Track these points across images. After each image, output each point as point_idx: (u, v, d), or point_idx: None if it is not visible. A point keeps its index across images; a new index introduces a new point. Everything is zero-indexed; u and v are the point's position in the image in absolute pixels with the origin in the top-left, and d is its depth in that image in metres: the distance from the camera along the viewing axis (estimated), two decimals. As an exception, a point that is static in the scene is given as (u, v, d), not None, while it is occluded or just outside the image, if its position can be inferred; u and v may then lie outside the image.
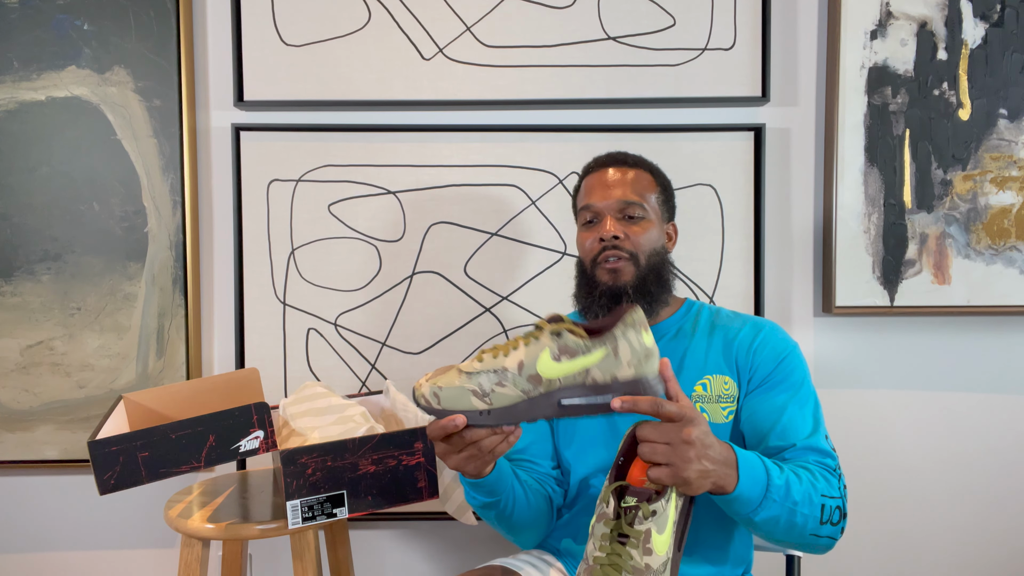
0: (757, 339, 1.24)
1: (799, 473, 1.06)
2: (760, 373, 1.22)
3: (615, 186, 1.26)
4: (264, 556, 1.82)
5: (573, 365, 0.94)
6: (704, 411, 1.21)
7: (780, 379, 1.21)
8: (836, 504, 1.08)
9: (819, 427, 1.17)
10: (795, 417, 1.16)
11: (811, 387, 1.22)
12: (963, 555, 1.82)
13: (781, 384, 1.20)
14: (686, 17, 1.73)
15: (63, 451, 1.77)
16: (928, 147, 1.73)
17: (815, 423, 1.17)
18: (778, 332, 1.26)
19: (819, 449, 1.14)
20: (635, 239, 1.24)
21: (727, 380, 1.23)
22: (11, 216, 1.74)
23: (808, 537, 1.06)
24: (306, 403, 1.48)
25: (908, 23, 1.72)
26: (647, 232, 1.25)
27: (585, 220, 1.29)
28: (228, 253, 1.78)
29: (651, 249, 1.25)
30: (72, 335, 1.76)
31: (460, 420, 0.94)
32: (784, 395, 1.19)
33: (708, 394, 1.23)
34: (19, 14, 1.72)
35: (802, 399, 1.19)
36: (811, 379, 1.23)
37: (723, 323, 1.29)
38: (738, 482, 0.98)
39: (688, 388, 1.22)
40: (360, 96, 1.74)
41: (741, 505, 1.00)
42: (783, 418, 1.16)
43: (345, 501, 1.29)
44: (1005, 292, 1.74)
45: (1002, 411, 1.80)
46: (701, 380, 1.23)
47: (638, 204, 1.25)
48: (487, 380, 0.95)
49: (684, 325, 1.30)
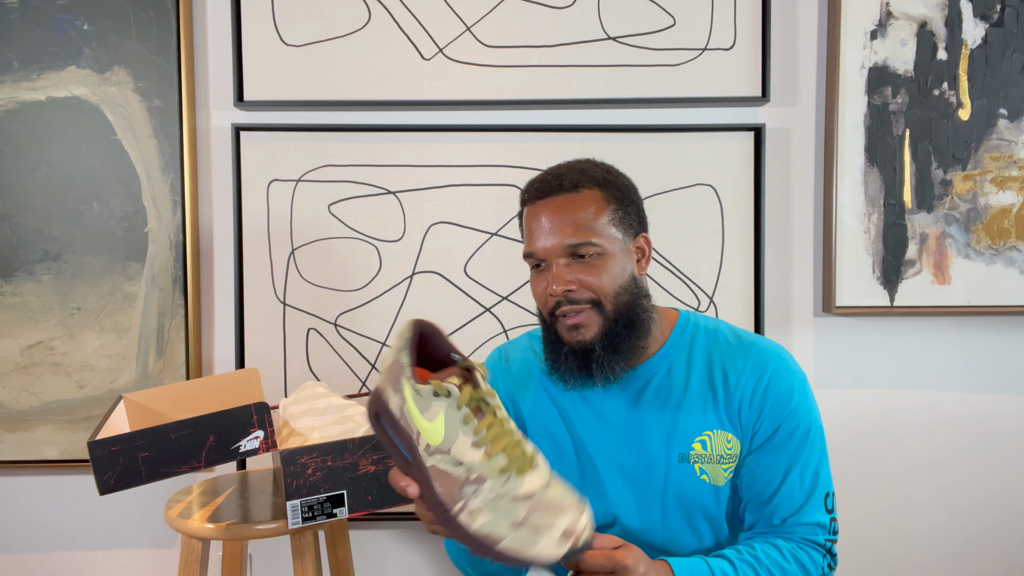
0: (761, 386, 1.11)
1: (759, 568, 1.04)
2: (764, 429, 1.11)
3: (555, 228, 1.06)
4: (264, 556, 1.82)
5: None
6: (704, 472, 1.11)
7: (785, 435, 1.10)
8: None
9: (816, 492, 1.10)
10: (791, 488, 1.09)
11: (816, 434, 1.12)
12: (963, 555, 1.82)
13: (786, 442, 1.10)
14: (686, 17, 1.73)
15: (63, 451, 1.76)
16: (928, 147, 1.73)
17: (812, 488, 1.10)
18: (783, 371, 1.12)
19: (809, 523, 1.08)
20: (592, 283, 1.06)
21: (730, 438, 1.11)
22: (11, 216, 1.74)
23: None
24: (306, 403, 1.48)
25: (908, 23, 1.72)
26: (605, 270, 1.06)
27: (532, 265, 1.11)
28: (228, 253, 1.78)
29: (616, 288, 1.07)
30: (72, 335, 1.76)
31: (413, 491, 0.85)
32: (786, 454, 1.10)
33: (709, 453, 1.10)
34: (19, 14, 1.72)
35: (806, 457, 1.10)
36: (818, 418, 1.13)
37: (722, 356, 1.14)
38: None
39: (686, 444, 1.11)
40: (360, 96, 1.74)
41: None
42: (781, 487, 1.09)
43: (345, 501, 1.29)
44: (1005, 292, 1.74)
45: (1002, 411, 1.80)
46: (700, 437, 1.11)
47: (587, 243, 1.05)
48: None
49: (678, 357, 1.14)
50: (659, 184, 1.75)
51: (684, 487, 1.12)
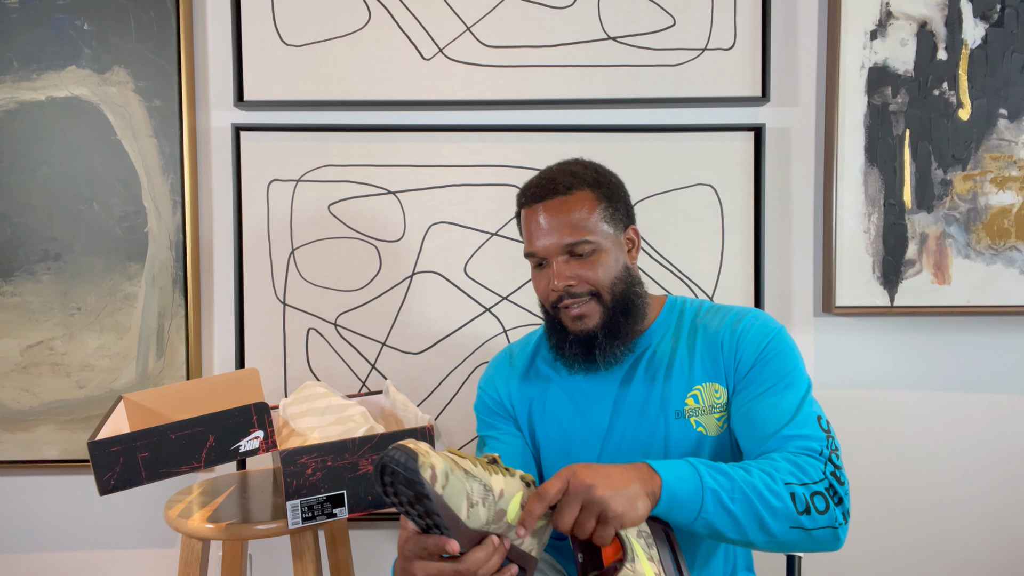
0: (738, 330, 1.18)
1: (749, 466, 1.01)
2: (743, 366, 1.16)
3: (552, 228, 1.15)
4: (264, 556, 1.82)
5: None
6: (700, 424, 1.17)
7: (761, 370, 1.14)
8: (815, 490, 0.99)
9: (803, 410, 1.09)
10: (776, 405, 1.10)
11: (799, 372, 1.15)
12: (963, 554, 1.82)
13: (764, 371, 1.14)
14: (686, 17, 1.73)
15: (63, 451, 1.76)
16: (928, 147, 1.73)
17: (798, 407, 1.09)
18: (760, 319, 1.20)
19: (799, 435, 1.06)
20: (590, 277, 1.16)
21: (718, 388, 1.18)
22: (11, 216, 1.74)
23: (792, 532, 0.98)
24: (306, 403, 1.48)
25: (908, 23, 1.72)
26: (601, 264, 1.16)
27: (534, 264, 1.21)
28: (228, 253, 1.78)
29: (611, 279, 1.17)
30: (72, 335, 1.76)
31: (454, 547, 0.85)
32: (765, 382, 1.13)
33: (701, 405, 1.18)
34: (19, 14, 1.72)
35: (785, 386, 1.12)
36: (801, 363, 1.17)
37: (706, 320, 1.22)
38: (661, 479, 0.94)
39: (679, 401, 1.18)
40: (360, 96, 1.74)
41: (684, 508, 0.95)
42: (764, 409, 1.11)
43: (345, 501, 1.29)
44: (1005, 292, 1.74)
45: (1002, 411, 1.80)
46: (692, 392, 1.18)
47: (582, 241, 1.15)
48: (477, 490, 0.86)
49: (667, 330, 1.24)
50: (659, 184, 1.75)
51: (683, 441, 1.18)
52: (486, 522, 0.87)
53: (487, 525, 0.87)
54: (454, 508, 0.83)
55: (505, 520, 0.88)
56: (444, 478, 0.82)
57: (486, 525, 0.87)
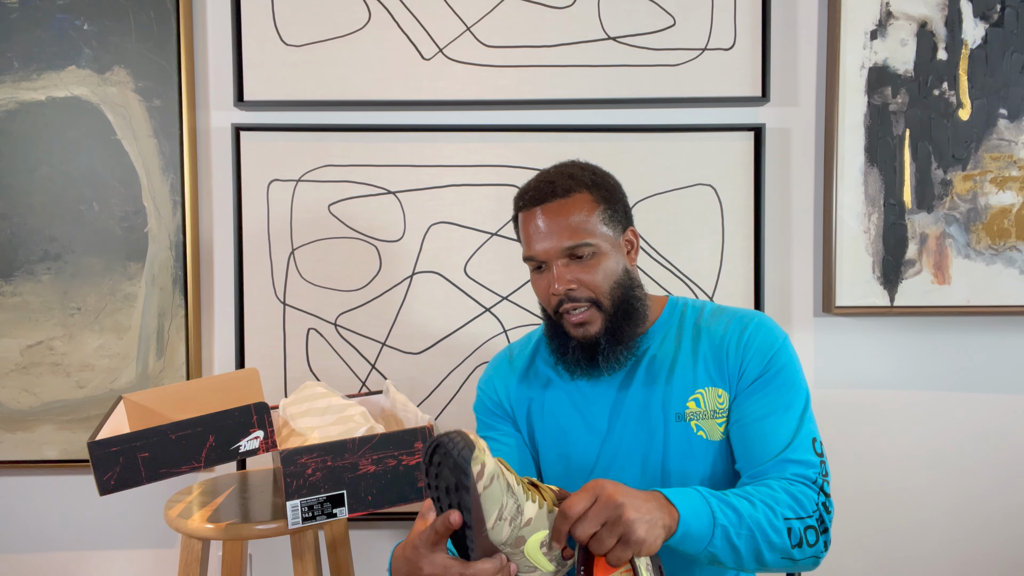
0: (744, 336, 1.18)
1: (753, 497, 1.03)
2: (748, 376, 1.16)
3: (551, 232, 1.14)
4: (264, 556, 1.82)
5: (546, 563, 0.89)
6: (700, 428, 1.17)
7: (770, 377, 1.15)
8: (808, 524, 1.03)
9: (801, 432, 1.12)
10: (777, 427, 1.12)
11: (800, 385, 1.16)
12: (962, 555, 1.82)
13: (771, 382, 1.15)
14: (686, 17, 1.73)
15: (63, 451, 1.77)
16: (928, 147, 1.73)
17: (797, 429, 1.12)
18: (766, 325, 1.19)
19: (797, 460, 1.09)
20: (590, 282, 1.15)
21: (720, 393, 1.17)
22: (11, 216, 1.74)
23: (782, 562, 1.03)
24: (306, 403, 1.48)
25: (908, 23, 1.72)
26: (601, 268, 1.15)
27: (533, 268, 1.20)
28: (228, 253, 1.78)
29: (611, 284, 1.16)
30: (72, 335, 1.76)
31: (455, 518, 0.84)
32: (769, 399, 1.14)
33: (703, 410, 1.17)
34: (19, 14, 1.72)
35: (786, 406, 1.13)
36: (802, 373, 1.18)
37: (708, 324, 1.22)
38: (679, 512, 0.94)
39: (680, 404, 1.18)
40: (360, 96, 1.74)
41: (694, 542, 0.96)
42: (765, 429, 1.12)
43: (345, 501, 1.29)
44: (1005, 292, 1.74)
45: (1002, 411, 1.80)
46: (693, 395, 1.18)
47: (582, 243, 1.13)
48: (510, 506, 0.86)
49: (669, 331, 1.23)
50: (659, 184, 1.75)
51: (682, 445, 1.17)
52: (504, 541, 0.87)
53: (503, 545, 0.87)
54: (485, 513, 0.84)
55: (521, 549, 0.88)
56: (489, 480, 0.83)
57: (503, 544, 0.87)
